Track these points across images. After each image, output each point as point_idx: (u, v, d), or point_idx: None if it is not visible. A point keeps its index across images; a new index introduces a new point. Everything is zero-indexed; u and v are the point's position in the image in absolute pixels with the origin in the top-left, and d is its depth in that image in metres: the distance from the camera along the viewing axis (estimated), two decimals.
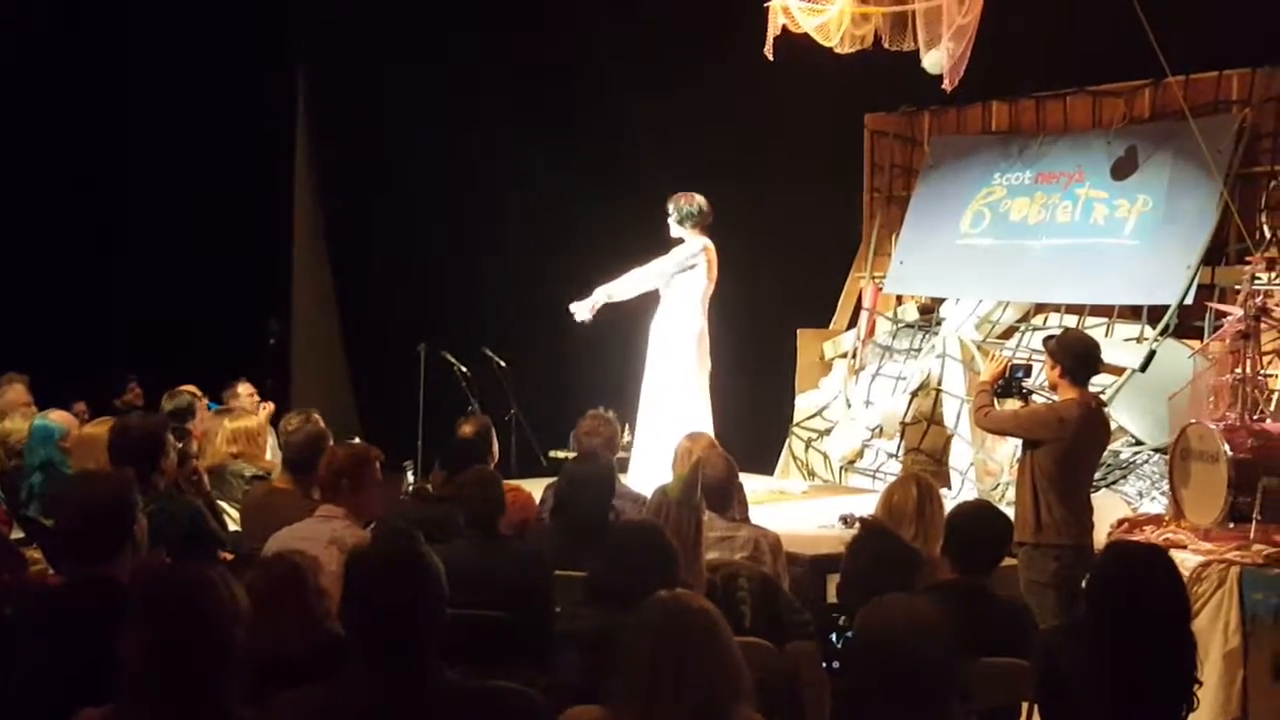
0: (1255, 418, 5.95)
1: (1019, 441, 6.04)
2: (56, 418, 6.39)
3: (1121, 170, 8.60)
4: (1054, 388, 5.98)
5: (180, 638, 2.65)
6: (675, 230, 7.51)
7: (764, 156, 9.96)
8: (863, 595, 3.21)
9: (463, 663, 2.85)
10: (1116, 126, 8.74)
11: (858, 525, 4.16)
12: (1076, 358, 5.86)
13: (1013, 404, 6.10)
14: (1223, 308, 6.81)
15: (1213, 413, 6.11)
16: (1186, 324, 8.02)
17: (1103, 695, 3.36)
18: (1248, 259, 6.26)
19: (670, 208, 7.50)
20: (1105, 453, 7.88)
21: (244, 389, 8.22)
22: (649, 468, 7.13)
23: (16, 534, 5.45)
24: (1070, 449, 5.69)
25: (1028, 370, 6.26)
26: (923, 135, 10.02)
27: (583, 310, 7.55)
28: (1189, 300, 7.89)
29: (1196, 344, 7.55)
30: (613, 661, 2.76)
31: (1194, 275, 7.89)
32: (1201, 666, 3.55)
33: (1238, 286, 6.45)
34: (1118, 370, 8.22)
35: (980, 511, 4.49)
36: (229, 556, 4.89)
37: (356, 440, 6.34)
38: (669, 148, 9.75)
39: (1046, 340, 6.06)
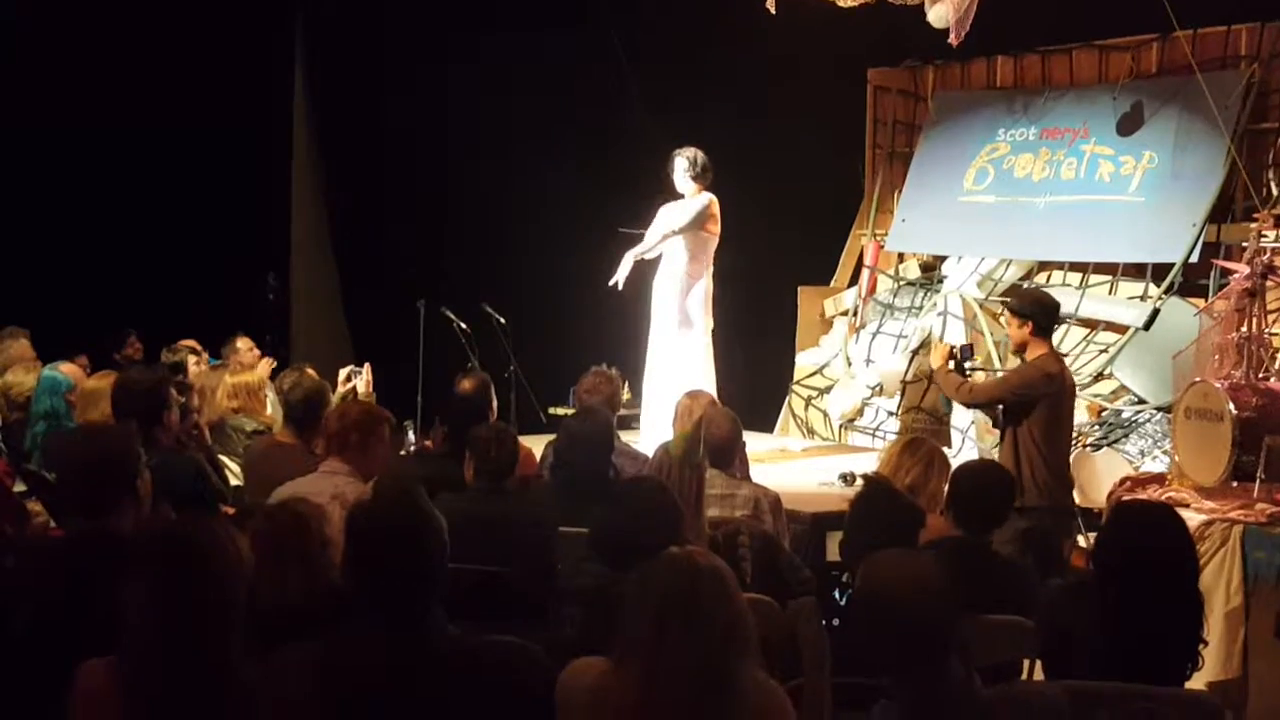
0: (1260, 376, 5.91)
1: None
2: (66, 370, 6.39)
3: (1127, 126, 8.55)
4: (1021, 347, 5.99)
5: (182, 590, 2.65)
6: (684, 184, 7.45)
7: (765, 112, 9.88)
8: (865, 552, 3.20)
9: (464, 617, 2.84)
10: (1123, 82, 8.68)
11: (860, 482, 4.15)
12: (1045, 312, 5.92)
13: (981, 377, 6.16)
14: (1228, 265, 6.77)
15: (1217, 371, 6.08)
16: (1191, 282, 7.99)
17: (1108, 653, 3.35)
18: (1254, 216, 6.21)
19: (682, 161, 7.42)
20: (1108, 412, 7.90)
21: (243, 344, 8.21)
22: (658, 425, 7.11)
23: (19, 487, 5.44)
24: (1061, 403, 5.72)
25: (970, 350, 6.33)
26: (926, 90, 9.95)
27: (618, 276, 7.50)
28: (1194, 258, 7.87)
29: (1201, 302, 7.52)
30: (615, 618, 2.76)
31: (1199, 233, 7.86)
32: (1206, 626, 3.55)
33: (1244, 244, 6.41)
34: (1121, 329, 8.20)
35: (984, 470, 4.49)
36: (231, 511, 4.88)
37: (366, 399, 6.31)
38: (670, 102, 9.68)
39: (1006, 302, 6.06)
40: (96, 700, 2.62)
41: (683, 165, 7.42)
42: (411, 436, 7.02)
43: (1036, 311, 5.88)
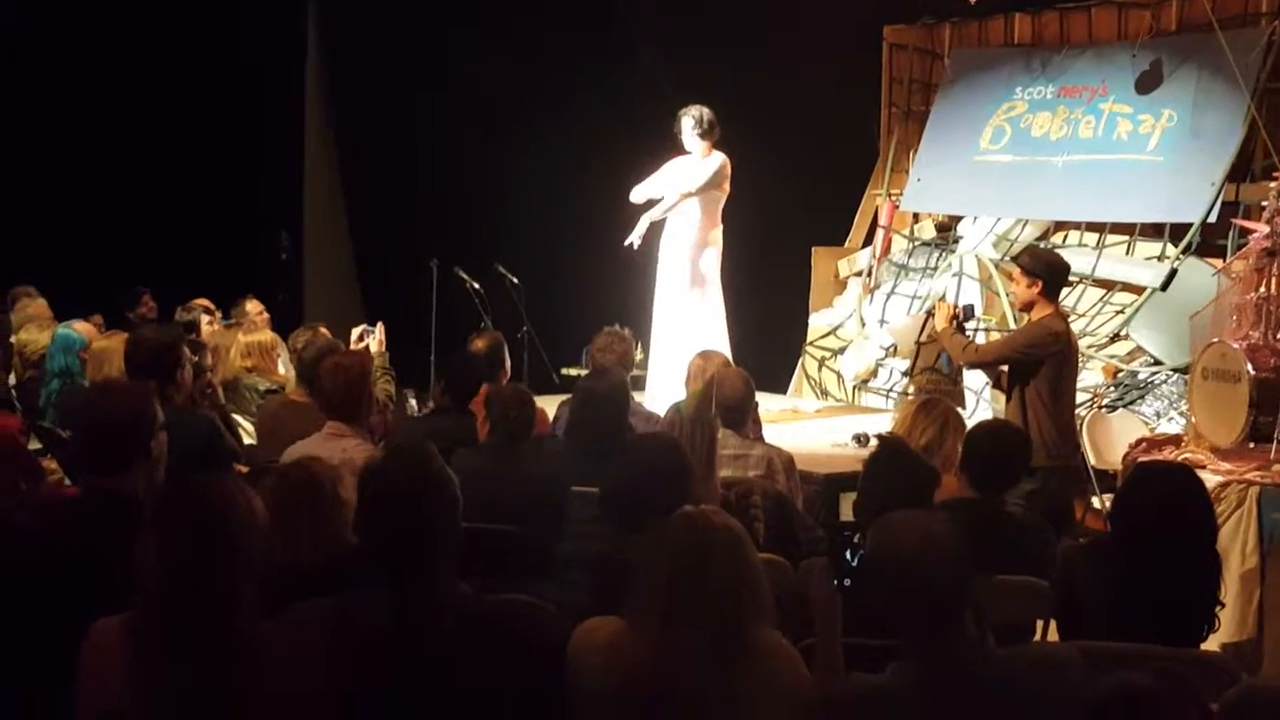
0: (1278, 337, 5.88)
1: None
2: (80, 328, 6.41)
3: (1146, 84, 8.46)
4: (1027, 307, 5.94)
5: (197, 549, 2.65)
6: (692, 142, 7.39)
7: (779, 70, 9.80)
8: (880, 512, 3.18)
9: (476, 576, 2.84)
10: (1142, 39, 8.58)
11: (875, 442, 4.12)
12: (1054, 271, 5.87)
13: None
14: (1248, 224, 6.73)
15: (1235, 332, 6.05)
16: (1209, 242, 7.93)
17: (1123, 614, 3.34)
18: (1274, 175, 6.16)
19: (689, 120, 7.36)
20: (1124, 373, 7.87)
21: (252, 306, 8.20)
22: (665, 385, 7.09)
23: (34, 445, 5.45)
24: (1067, 363, 5.70)
25: (971, 310, 6.27)
26: (943, 48, 9.86)
27: (634, 236, 7.47)
28: (1213, 218, 7.80)
29: (1219, 262, 7.47)
30: (625, 578, 2.75)
31: (1218, 192, 7.79)
32: (1223, 588, 3.53)
33: (1263, 203, 6.35)
34: (1138, 289, 8.15)
35: (1000, 431, 4.47)
36: (244, 470, 4.88)
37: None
38: (683, 60, 9.61)
39: (1017, 258, 6.00)
40: (109, 658, 2.62)
41: (689, 124, 7.36)
42: (414, 403, 6.98)
43: (1047, 272, 5.83)
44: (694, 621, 2.59)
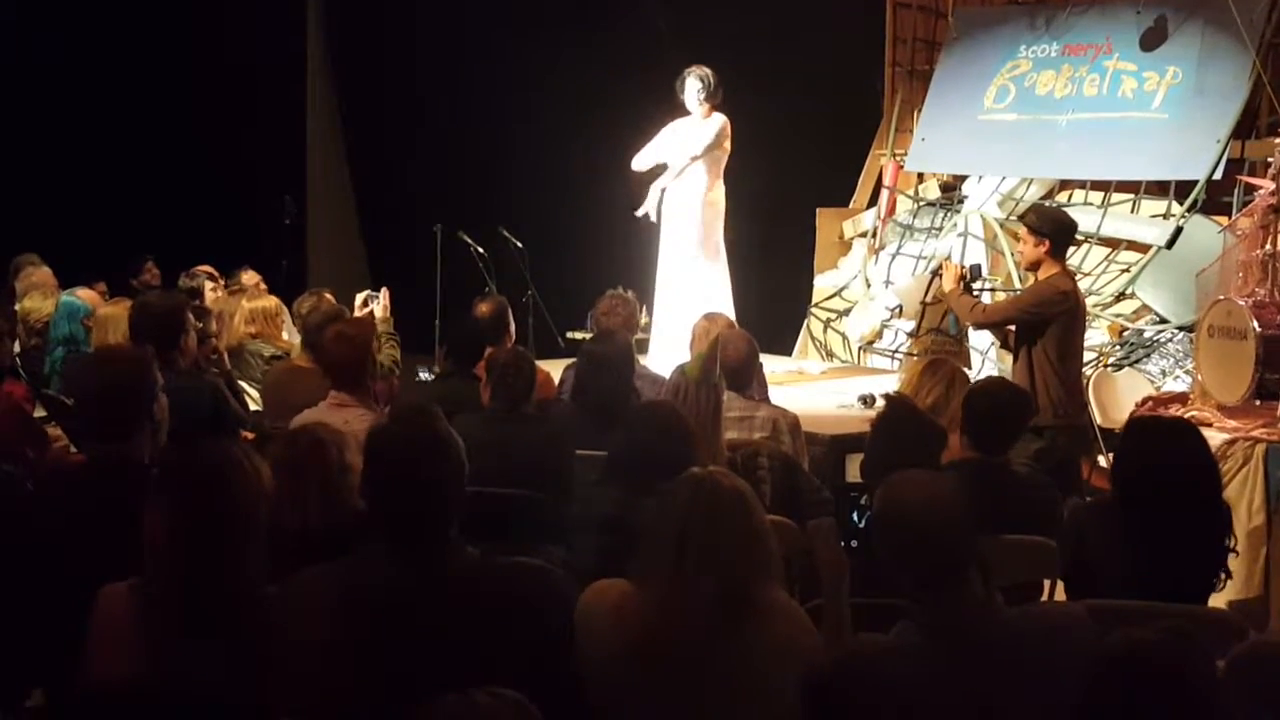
0: None
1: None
2: (84, 295, 6.41)
3: (1150, 41, 8.40)
4: (1034, 266, 5.83)
5: (204, 513, 2.65)
6: (695, 104, 7.35)
7: (784, 29, 9.74)
8: (887, 472, 3.18)
9: (482, 539, 2.84)
10: None
11: (883, 402, 4.11)
12: (1062, 230, 5.82)
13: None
14: (1253, 181, 6.69)
15: (1241, 289, 6.02)
16: (1215, 199, 7.89)
17: (1130, 571, 3.34)
18: (1279, 132, 6.12)
19: (695, 82, 7.31)
20: (1129, 331, 7.85)
21: (248, 277, 8.17)
22: (670, 348, 7.09)
23: (39, 412, 5.46)
24: (1075, 322, 5.68)
25: (978, 270, 6.21)
26: (947, 7, 9.79)
27: (648, 207, 7.44)
28: (1218, 175, 7.75)
29: (1225, 220, 7.43)
30: (632, 541, 2.75)
31: (1224, 149, 7.74)
32: (1232, 537, 3.53)
33: (1269, 160, 6.32)
34: (1144, 247, 8.12)
35: (998, 389, 4.43)
36: (250, 436, 4.89)
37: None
38: (688, 21, 9.55)
39: (1024, 216, 5.93)
40: (116, 624, 2.63)
41: (696, 86, 7.32)
42: (424, 375, 6.98)
43: (1055, 230, 5.77)
44: (702, 581, 2.60)
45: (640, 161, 7.46)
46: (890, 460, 3.46)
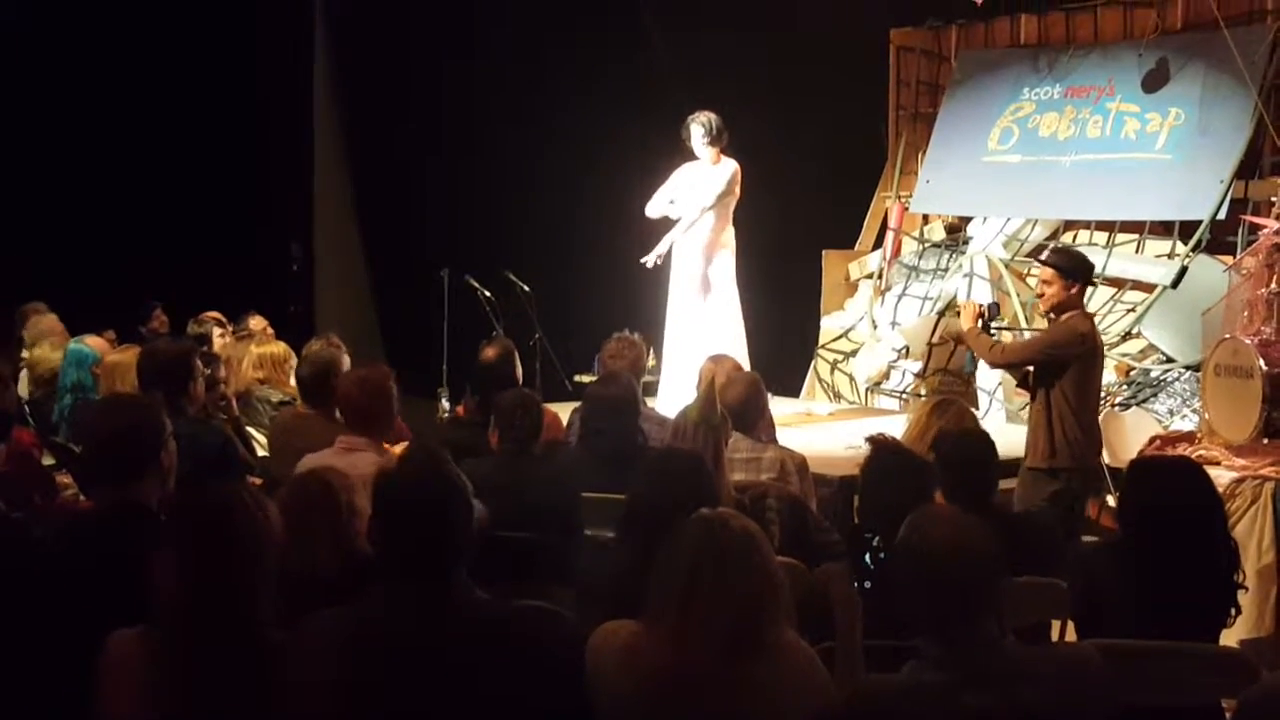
0: None
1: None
2: (92, 343, 6.42)
3: (1153, 83, 8.44)
4: (1060, 309, 5.66)
5: (213, 559, 2.65)
6: (701, 149, 7.40)
7: (788, 73, 9.81)
8: (883, 512, 3.17)
9: (491, 582, 2.84)
10: (1148, 38, 8.57)
11: (866, 445, 4.04)
12: (1085, 271, 5.73)
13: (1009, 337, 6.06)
14: (1257, 221, 6.71)
15: (1247, 328, 6.03)
16: (1219, 239, 7.90)
17: (1140, 611, 3.33)
18: None
19: (698, 128, 7.37)
20: (1136, 371, 7.85)
21: (255, 322, 8.19)
22: (678, 390, 7.09)
23: (48, 460, 5.47)
24: (1093, 363, 5.65)
25: (996, 309, 6.15)
26: (950, 50, 9.85)
27: (653, 258, 7.48)
28: (1222, 215, 7.77)
29: (1230, 259, 7.44)
30: (645, 586, 2.74)
31: (1227, 189, 7.77)
32: (1241, 573, 3.53)
33: (1273, 199, 6.36)
34: (1149, 287, 8.14)
35: (963, 441, 4.19)
36: (258, 481, 4.89)
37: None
38: (693, 65, 9.61)
39: (1046, 259, 5.85)
40: (126, 670, 2.63)
41: (699, 132, 7.37)
42: (445, 405, 6.99)
43: (1079, 272, 5.64)
44: (712, 623, 2.59)
45: (653, 209, 7.50)
46: (885, 499, 3.46)
